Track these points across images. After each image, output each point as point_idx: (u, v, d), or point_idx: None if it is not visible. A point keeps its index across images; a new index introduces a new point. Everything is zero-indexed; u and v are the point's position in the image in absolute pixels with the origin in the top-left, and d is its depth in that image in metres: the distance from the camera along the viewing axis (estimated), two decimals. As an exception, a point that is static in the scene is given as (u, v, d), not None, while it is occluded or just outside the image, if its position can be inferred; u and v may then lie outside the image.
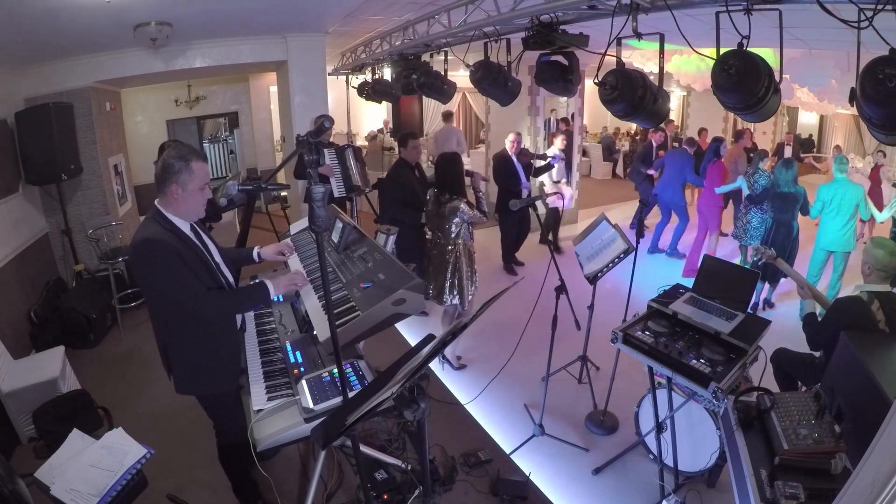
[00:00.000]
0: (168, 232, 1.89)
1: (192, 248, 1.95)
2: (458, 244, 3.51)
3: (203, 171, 1.93)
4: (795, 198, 4.48)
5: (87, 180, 4.84)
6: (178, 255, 1.85)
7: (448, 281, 3.51)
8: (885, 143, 3.15)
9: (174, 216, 1.94)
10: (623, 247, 3.08)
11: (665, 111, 2.64)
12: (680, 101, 13.09)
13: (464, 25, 3.66)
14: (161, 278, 1.87)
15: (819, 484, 1.53)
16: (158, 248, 1.83)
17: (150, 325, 2.08)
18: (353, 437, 1.82)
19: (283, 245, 2.49)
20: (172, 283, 1.87)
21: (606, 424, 3.17)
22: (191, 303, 1.89)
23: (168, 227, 1.91)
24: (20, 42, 3.72)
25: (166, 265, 1.83)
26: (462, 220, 3.45)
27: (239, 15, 4.44)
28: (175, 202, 1.91)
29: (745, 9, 2.07)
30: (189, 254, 1.92)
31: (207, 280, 1.97)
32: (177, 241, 1.90)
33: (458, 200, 3.44)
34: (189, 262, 1.89)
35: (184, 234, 1.95)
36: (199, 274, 1.93)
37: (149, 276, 1.92)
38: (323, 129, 1.61)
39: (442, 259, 3.54)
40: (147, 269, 1.89)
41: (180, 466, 2.76)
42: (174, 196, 1.89)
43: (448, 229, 3.50)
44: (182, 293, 1.88)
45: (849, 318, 2.35)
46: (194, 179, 1.89)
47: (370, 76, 6.48)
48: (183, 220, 1.96)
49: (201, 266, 1.96)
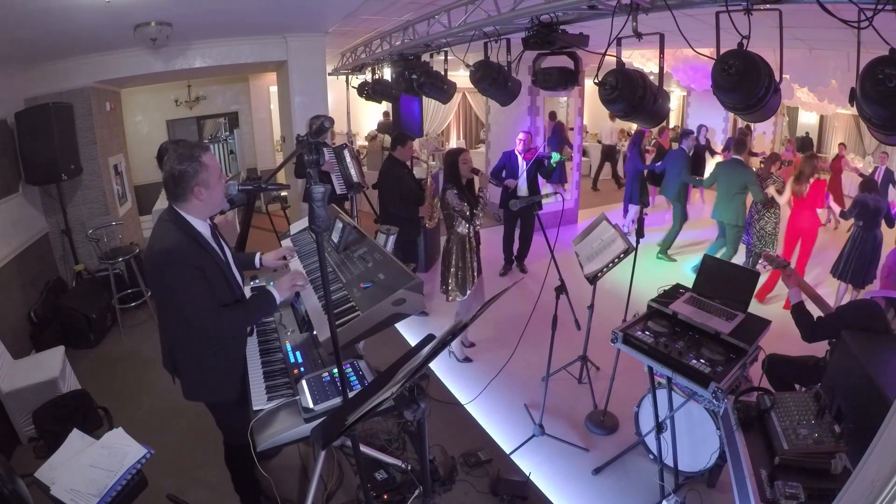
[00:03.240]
0: (191, 240, 1.84)
1: (212, 258, 1.90)
2: (458, 234, 3.58)
3: (214, 160, 1.87)
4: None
5: (87, 180, 4.85)
6: (200, 270, 1.80)
7: (451, 274, 3.60)
8: (885, 143, 3.16)
9: (196, 218, 1.88)
10: (623, 247, 3.08)
11: (665, 111, 2.64)
12: (680, 101, 13.08)
13: (464, 25, 3.67)
14: (179, 296, 1.81)
15: (819, 484, 1.53)
16: (181, 263, 1.77)
17: (150, 326, 2.08)
18: (353, 437, 1.82)
19: (283, 250, 2.48)
20: (190, 301, 1.81)
21: (606, 424, 3.17)
22: (205, 322, 1.84)
23: (190, 234, 1.85)
24: (20, 42, 3.71)
25: (187, 282, 1.78)
26: (450, 205, 3.51)
27: (239, 15, 4.44)
28: (202, 203, 1.86)
29: (745, 9, 2.07)
30: (210, 265, 1.87)
31: (225, 293, 1.93)
32: (200, 250, 1.85)
33: (447, 189, 3.53)
34: (210, 275, 1.84)
35: (204, 241, 1.90)
36: (218, 288, 1.89)
37: (166, 288, 1.85)
38: (323, 129, 1.60)
39: (446, 249, 3.65)
40: (166, 282, 1.82)
41: (180, 466, 2.76)
42: (200, 198, 1.84)
43: (449, 221, 3.59)
44: (198, 312, 1.82)
45: (862, 321, 2.29)
46: (212, 172, 1.84)
47: (370, 76, 6.48)
48: (202, 220, 1.92)
49: (221, 279, 1.92)
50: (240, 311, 2.00)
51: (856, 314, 2.36)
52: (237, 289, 2.05)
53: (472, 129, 13.30)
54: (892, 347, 2.03)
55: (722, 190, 5.34)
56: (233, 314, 1.94)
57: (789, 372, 2.83)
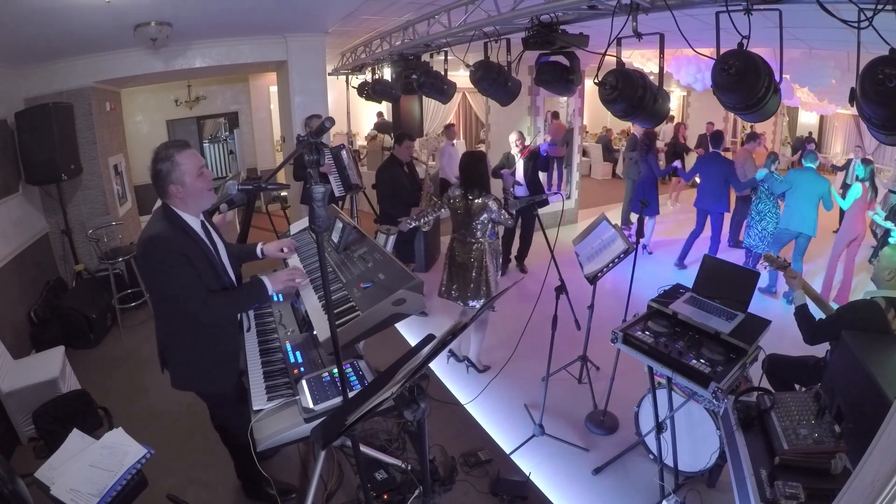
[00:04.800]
0: (177, 229, 1.89)
1: (199, 247, 1.95)
2: (483, 243, 3.46)
3: (192, 159, 1.90)
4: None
5: (87, 180, 4.84)
6: (185, 256, 1.85)
7: (474, 281, 3.46)
8: (885, 143, 3.17)
9: (184, 212, 1.94)
10: (623, 247, 3.07)
11: (665, 111, 2.64)
12: (680, 101, 13.08)
13: (464, 25, 3.66)
14: (164, 279, 1.87)
15: (819, 484, 1.53)
16: (164, 248, 1.83)
17: (150, 326, 2.09)
18: (353, 437, 1.82)
19: (285, 242, 2.49)
20: (174, 285, 1.87)
21: (606, 424, 3.17)
22: (191, 306, 1.89)
23: (178, 224, 1.91)
24: (20, 42, 3.72)
25: (170, 266, 1.83)
26: (490, 218, 3.41)
27: (239, 15, 4.44)
28: (182, 200, 1.91)
29: (745, 9, 2.07)
30: (196, 253, 1.91)
31: (212, 281, 1.97)
32: (186, 239, 1.90)
33: (487, 197, 3.38)
34: (195, 262, 1.89)
35: (193, 231, 1.95)
36: (204, 275, 1.93)
37: (152, 275, 1.93)
38: (323, 130, 1.60)
39: (466, 258, 3.48)
40: (151, 268, 1.90)
41: (180, 466, 2.76)
42: (178, 195, 1.90)
43: (474, 227, 3.44)
44: (183, 296, 1.88)
45: (862, 321, 2.29)
46: (186, 171, 1.88)
47: (370, 76, 6.48)
48: (193, 215, 1.96)
49: (207, 266, 1.96)
50: (227, 296, 2.04)
51: (856, 314, 2.36)
52: (225, 276, 2.06)
53: (472, 129, 13.29)
54: (892, 347, 2.03)
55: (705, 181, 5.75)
56: (219, 299, 1.98)
57: (789, 372, 2.82)
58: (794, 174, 5.13)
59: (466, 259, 3.48)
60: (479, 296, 3.46)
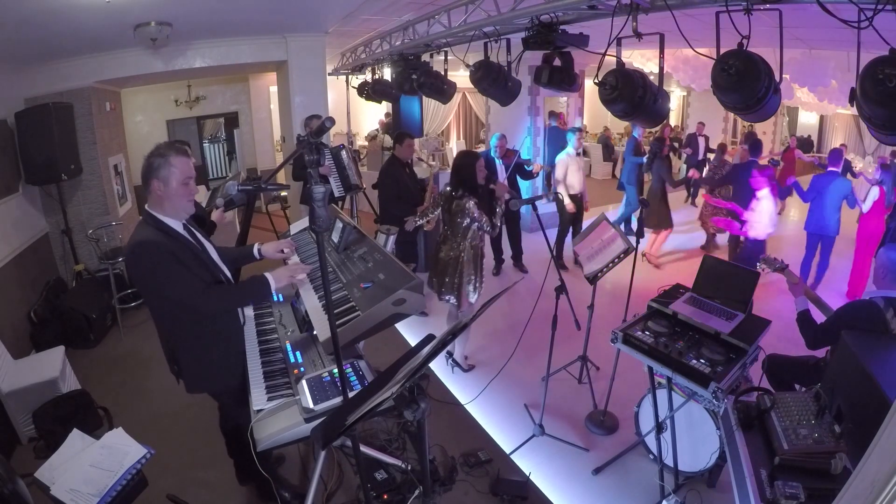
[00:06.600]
0: (160, 233, 1.89)
1: (186, 246, 1.94)
2: (465, 245, 3.45)
3: (184, 165, 1.90)
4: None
5: (87, 180, 4.84)
6: (173, 254, 1.85)
7: (448, 278, 3.49)
8: (885, 143, 3.16)
9: (164, 216, 1.93)
10: (623, 247, 3.08)
11: (665, 111, 2.64)
12: (680, 101, 13.09)
13: (464, 25, 3.67)
14: (158, 279, 1.86)
15: (819, 484, 1.53)
16: (151, 250, 1.82)
17: (149, 326, 2.08)
18: (353, 437, 1.81)
19: (284, 242, 2.48)
20: (170, 283, 1.86)
21: (606, 424, 3.17)
22: (190, 300, 1.89)
23: (160, 228, 1.90)
24: (20, 42, 3.72)
25: (161, 265, 1.83)
26: (472, 221, 3.39)
27: (239, 15, 4.44)
28: (160, 199, 1.90)
29: (745, 9, 2.07)
30: (184, 252, 1.91)
31: (205, 275, 1.97)
32: (170, 240, 1.89)
33: (467, 200, 3.37)
34: (184, 259, 1.89)
35: (176, 233, 1.94)
36: (196, 270, 1.93)
37: (147, 279, 1.90)
38: (323, 130, 1.60)
39: (447, 255, 3.50)
40: (144, 272, 1.88)
41: (180, 466, 2.76)
42: (157, 192, 1.89)
43: (457, 227, 3.44)
44: (181, 291, 1.88)
45: (861, 322, 2.29)
46: (175, 174, 1.88)
47: (370, 76, 6.48)
48: (174, 219, 1.95)
49: (197, 262, 1.96)
50: (227, 289, 2.05)
51: (855, 314, 2.35)
52: (219, 273, 2.06)
53: (472, 129, 13.29)
54: (892, 347, 2.03)
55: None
56: (221, 291, 1.99)
57: (789, 372, 2.82)
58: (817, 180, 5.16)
59: (447, 256, 3.51)
60: (451, 291, 3.51)
